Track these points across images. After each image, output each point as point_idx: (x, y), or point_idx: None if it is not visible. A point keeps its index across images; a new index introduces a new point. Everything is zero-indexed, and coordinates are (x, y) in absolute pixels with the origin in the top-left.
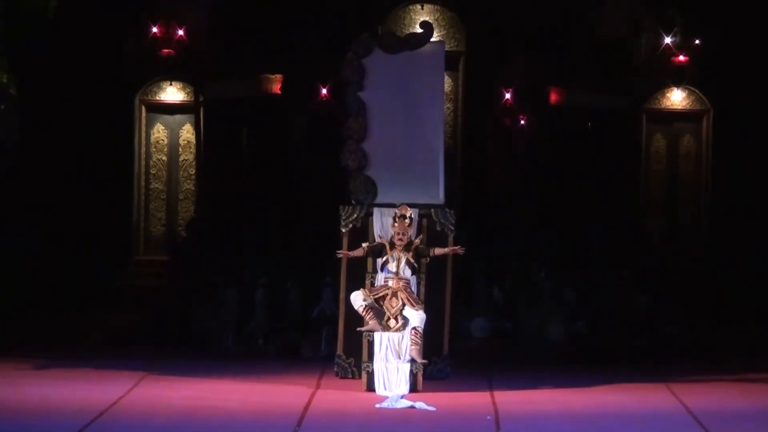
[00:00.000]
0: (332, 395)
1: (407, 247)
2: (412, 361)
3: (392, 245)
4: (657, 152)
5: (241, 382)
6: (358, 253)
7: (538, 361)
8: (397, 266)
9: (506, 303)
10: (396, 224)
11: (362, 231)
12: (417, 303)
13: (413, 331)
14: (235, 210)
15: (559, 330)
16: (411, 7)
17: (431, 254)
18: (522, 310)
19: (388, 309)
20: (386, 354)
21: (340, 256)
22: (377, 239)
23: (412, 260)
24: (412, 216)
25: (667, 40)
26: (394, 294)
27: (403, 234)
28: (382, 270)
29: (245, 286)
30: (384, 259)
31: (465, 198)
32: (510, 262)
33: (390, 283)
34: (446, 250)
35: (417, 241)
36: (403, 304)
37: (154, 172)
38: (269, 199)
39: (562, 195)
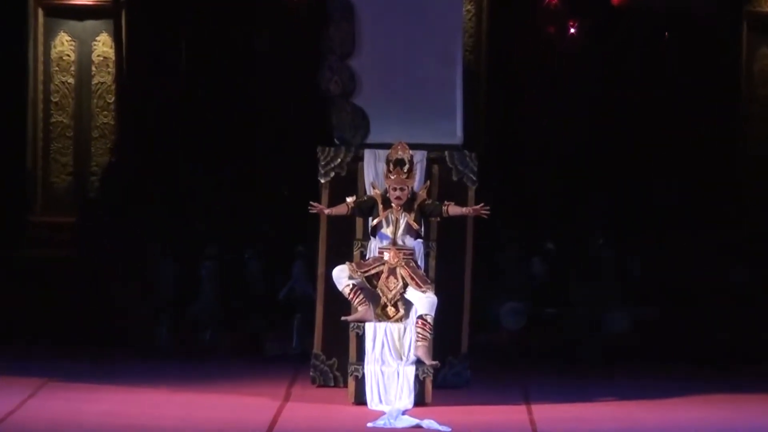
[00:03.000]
0: (307, 410)
1: (408, 205)
2: (419, 362)
3: (387, 202)
4: (763, 72)
5: (180, 392)
6: (340, 210)
7: (592, 362)
8: (394, 232)
9: (549, 280)
10: (391, 174)
11: (349, 181)
12: (424, 282)
13: (419, 322)
14: (171, 152)
15: (622, 317)
16: None
17: (445, 213)
18: (571, 291)
19: (383, 291)
20: (382, 353)
21: (314, 211)
22: (370, 192)
23: (414, 224)
24: (413, 159)
25: None
26: (392, 271)
27: (401, 188)
28: (374, 236)
29: (187, 258)
30: (376, 221)
31: (492, 136)
32: (554, 224)
33: (385, 255)
34: (465, 210)
35: (422, 193)
36: (405, 285)
37: (56, 99)
38: (219, 137)
39: (627, 132)
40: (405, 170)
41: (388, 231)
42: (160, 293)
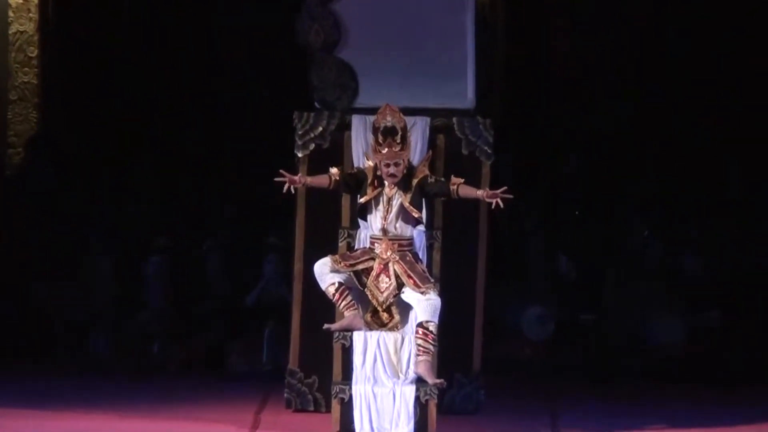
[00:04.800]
0: None
1: (405, 184)
2: (419, 381)
3: (379, 180)
4: None
5: (123, 418)
6: (320, 181)
7: (636, 380)
8: (385, 216)
9: (583, 280)
10: (381, 146)
11: (332, 154)
12: (424, 281)
13: (420, 331)
14: (110, 119)
15: (672, 324)
16: None
17: (453, 194)
18: (610, 293)
19: (373, 293)
20: (374, 370)
21: (283, 179)
22: (361, 164)
23: (410, 207)
24: (406, 126)
25: None
26: (385, 266)
27: (396, 162)
28: (364, 219)
29: (130, 252)
30: (363, 199)
31: (510, 99)
32: (589, 211)
33: (376, 247)
34: (480, 193)
35: (423, 168)
36: (401, 284)
37: None
38: (172, 100)
39: (682, 97)
40: (397, 140)
41: (378, 215)
42: (97, 295)
